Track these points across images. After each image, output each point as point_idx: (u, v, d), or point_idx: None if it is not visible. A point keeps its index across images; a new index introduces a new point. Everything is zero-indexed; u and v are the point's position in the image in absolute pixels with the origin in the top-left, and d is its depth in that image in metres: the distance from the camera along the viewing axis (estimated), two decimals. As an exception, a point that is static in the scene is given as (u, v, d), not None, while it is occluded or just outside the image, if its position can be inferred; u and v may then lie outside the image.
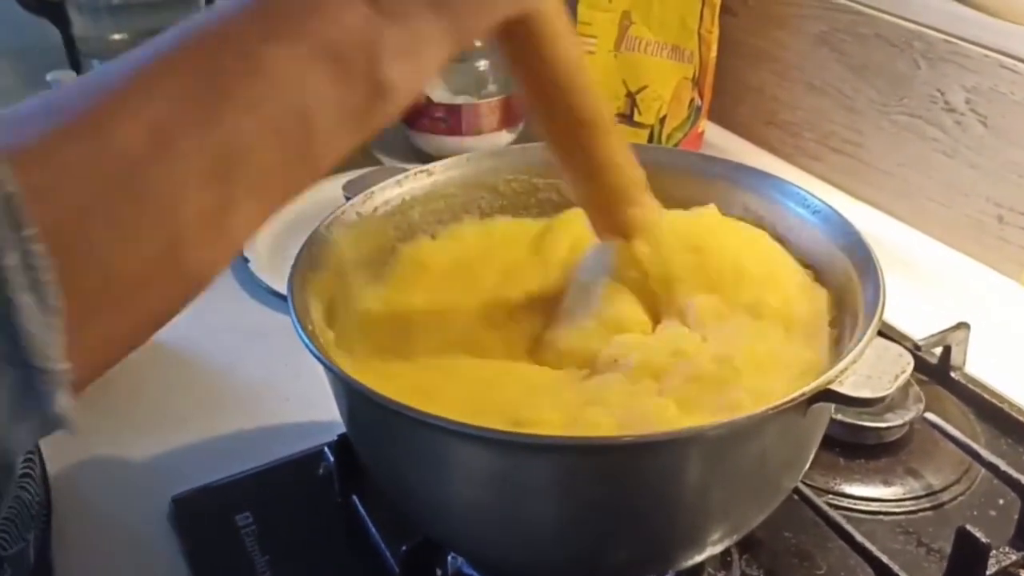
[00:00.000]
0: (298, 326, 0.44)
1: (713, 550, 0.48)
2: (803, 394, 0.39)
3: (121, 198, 0.29)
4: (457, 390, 0.46)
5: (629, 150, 0.51)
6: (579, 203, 0.53)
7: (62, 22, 1.11)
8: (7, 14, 1.06)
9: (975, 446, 0.60)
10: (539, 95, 0.48)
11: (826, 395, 0.39)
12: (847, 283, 0.49)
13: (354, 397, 0.44)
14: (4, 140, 0.28)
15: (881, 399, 0.39)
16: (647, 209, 0.52)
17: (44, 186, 0.28)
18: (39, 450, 0.56)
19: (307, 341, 0.43)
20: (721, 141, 1.02)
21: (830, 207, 0.53)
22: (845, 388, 0.39)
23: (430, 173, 0.57)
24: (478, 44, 1.00)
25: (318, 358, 0.42)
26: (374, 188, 0.55)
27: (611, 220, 0.52)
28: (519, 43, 0.46)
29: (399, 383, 0.43)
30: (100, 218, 0.29)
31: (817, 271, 0.53)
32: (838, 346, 0.46)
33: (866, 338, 0.41)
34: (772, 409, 0.38)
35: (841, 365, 0.39)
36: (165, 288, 0.32)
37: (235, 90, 0.31)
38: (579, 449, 0.38)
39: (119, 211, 0.29)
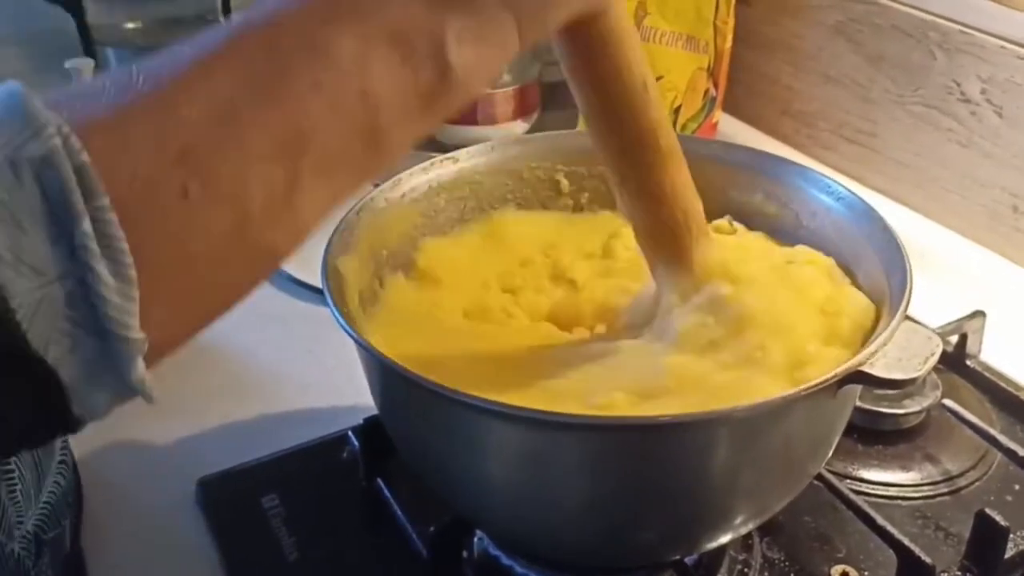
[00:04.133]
0: (334, 309, 0.44)
1: (737, 532, 0.48)
2: (835, 375, 0.39)
3: (188, 173, 0.29)
4: (501, 384, 0.45)
5: (690, 180, 0.49)
6: (632, 228, 0.50)
7: (77, 10, 1.11)
8: (22, 1, 1.06)
9: (993, 431, 0.60)
10: (600, 106, 0.46)
11: (858, 376, 0.40)
12: (873, 269, 0.50)
13: (389, 377, 0.44)
14: (74, 114, 0.28)
15: (912, 380, 0.40)
16: (708, 246, 0.49)
17: (114, 159, 0.28)
18: (68, 439, 0.56)
19: (344, 324, 0.43)
20: (735, 131, 1.03)
21: (853, 193, 0.53)
22: (876, 370, 0.40)
23: (456, 160, 0.58)
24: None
25: (356, 340, 0.43)
26: (401, 175, 0.56)
27: (666, 252, 0.49)
28: (584, 48, 0.44)
29: (432, 364, 0.44)
30: (169, 192, 0.29)
31: (842, 258, 0.53)
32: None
33: (895, 320, 0.41)
34: (804, 390, 0.39)
35: (872, 347, 0.40)
36: (235, 266, 0.32)
37: (298, 71, 0.32)
38: (610, 428, 0.39)
39: (187, 186, 0.29)
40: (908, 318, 0.43)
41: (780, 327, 0.45)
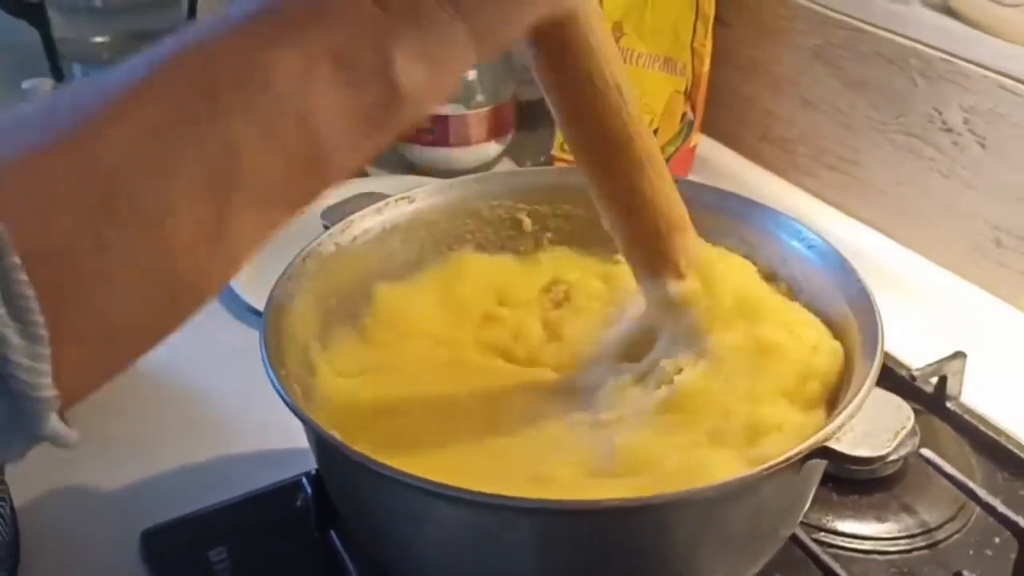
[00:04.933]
0: (270, 371, 0.42)
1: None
2: (799, 452, 0.37)
3: (107, 219, 0.28)
4: (451, 441, 0.44)
5: (673, 187, 0.47)
6: (613, 235, 0.49)
7: (42, 24, 1.08)
8: (-15, 15, 1.03)
9: (971, 484, 0.58)
10: (572, 113, 0.44)
11: (822, 453, 0.38)
12: (844, 322, 0.48)
13: (326, 450, 0.42)
14: None
15: (881, 458, 0.38)
16: (691, 248, 0.48)
17: (27, 210, 0.27)
18: (8, 491, 0.54)
19: (280, 389, 0.41)
20: (714, 155, 1.01)
21: (825, 242, 0.51)
22: (842, 445, 0.38)
23: (411, 200, 0.55)
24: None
25: (291, 407, 0.40)
26: (353, 217, 0.53)
27: (650, 263, 0.48)
28: (552, 53, 0.42)
29: (376, 431, 0.41)
30: (86, 241, 0.28)
31: (813, 308, 0.51)
32: (837, 396, 0.45)
33: (864, 391, 0.39)
34: (766, 470, 0.37)
35: (837, 422, 0.38)
36: (158, 304, 0.31)
37: (232, 98, 0.30)
38: (559, 513, 0.37)
39: (106, 232, 0.28)
40: (885, 366, 0.41)
41: (744, 393, 0.43)
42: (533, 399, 0.47)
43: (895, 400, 0.40)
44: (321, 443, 0.42)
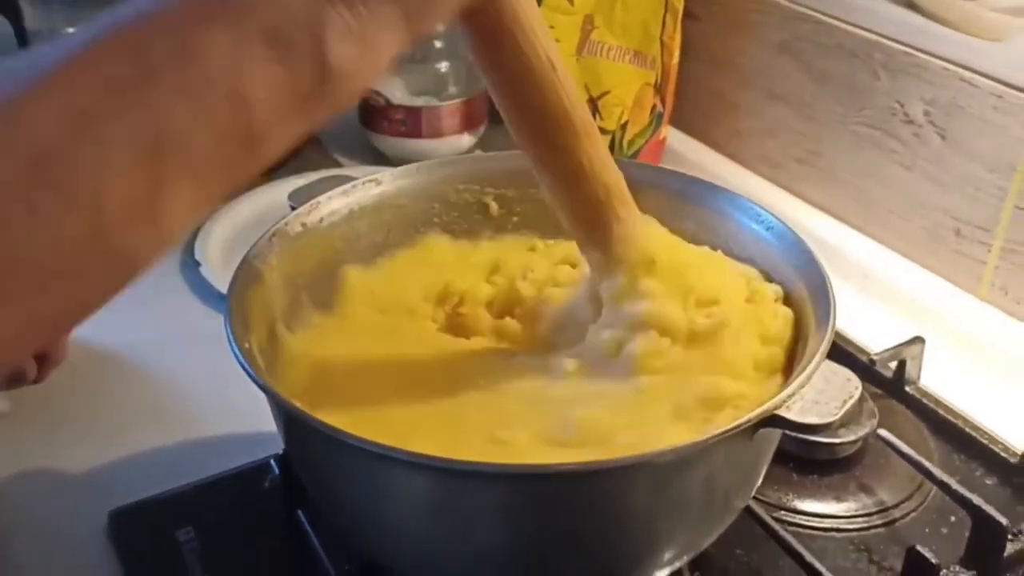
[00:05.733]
0: (233, 344, 0.43)
1: (664, 570, 0.47)
2: (748, 420, 0.38)
3: (39, 184, 0.29)
4: (424, 409, 0.45)
5: (609, 156, 0.49)
6: (557, 212, 0.50)
7: (13, 14, 1.08)
8: (-46, 5, 1.03)
9: (927, 464, 0.59)
10: (509, 92, 0.46)
11: (772, 420, 0.39)
12: (800, 301, 0.49)
13: (291, 421, 0.43)
14: None
15: (827, 425, 0.39)
16: (631, 222, 0.49)
17: None
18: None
19: (242, 360, 0.42)
20: (683, 147, 1.02)
21: (783, 223, 0.52)
22: (792, 414, 0.39)
23: (378, 183, 0.56)
24: (438, 45, 1.00)
25: (253, 379, 0.41)
26: (320, 198, 0.54)
27: (592, 232, 0.49)
28: (485, 32, 0.44)
29: (341, 403, 0.42)
30: (16, 206, 0.28)
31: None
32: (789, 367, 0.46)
33: (814, 363, 0.40)
34: (717, 436, 0.38)
35: (788, 391, 0.39)
36: (92, 274, 0.31)
37: (166, 73, 0.31)
38: (518, 477, 0.37)
39: (36, 197, 0.29)
40: (842, 345, 0.42)
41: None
42: (494, 372, 0.48)
43: (844, 372, 0.41)
44: (284, 414, 0.43)
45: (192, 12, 0.32)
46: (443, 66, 0.99)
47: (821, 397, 0.39)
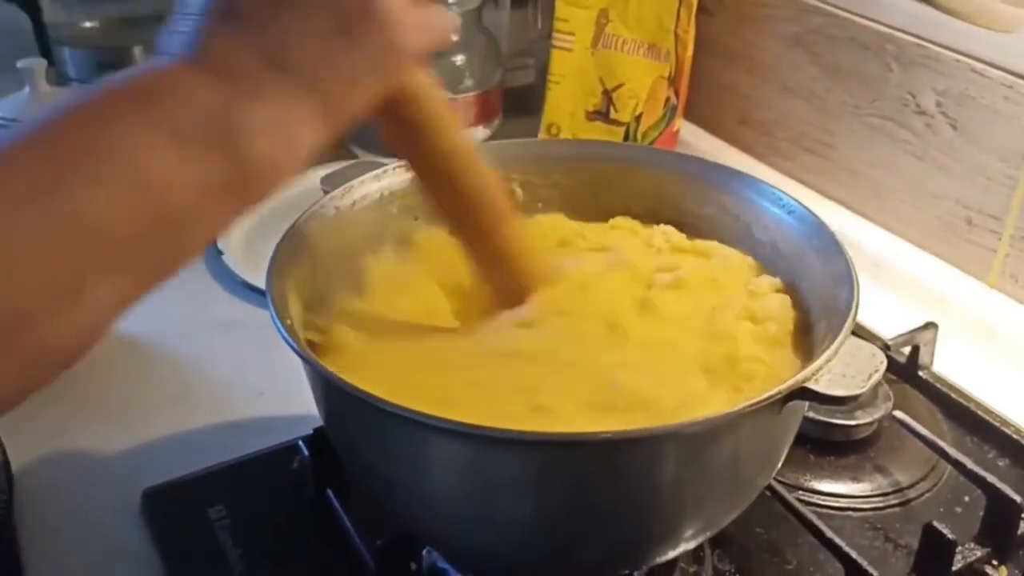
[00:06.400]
0: (277, 320, 0.44)
1: (686, 546, 0.48)
2: (779, 392, 0.39)
3: None
4: (460, 379, 0.46)
5: (525, 238, 0.52)
6: (481, 280, 0.53)
7: (33, 9, 1.09)
8: (-25, 1, 1.04)
9: (942, 444, 0.61)
10: (426, 176, 0.49)
11: (801, 393, 0.40)
12: (821, 283, 0.50)
13: (332, 392, 0.44)
14: None
15: (855, 397, 0.40)
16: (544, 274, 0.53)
17: None
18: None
19: (286, 335, 0.43)
20: (696, 140, 1.03)
21: (805, 207, 0.53)
22: (820, 386, 0.40)
23: (409, 168, 0.57)
24: (453, 38, 1.01)
25: (297, 352, 0.42)
26: (353, 182, 0.55)
27: (506, 302, 0.52)
28: (401, 124, 0.46)
29: (381, 377, 0.43)
30: None
31: (790, 270, 0.53)
32: (807, 345, 0.47)
33: (841, 337, 0.41)
34: (748, 407, 0.39)
35: (817, 364, 0.40)
36: (10, 364, 0.31)
37: (83, 164, 0.32)
38: (552, 444, 0.39)
39: None
40: (857, 332, 0.43)
41: None
42: (525, 340, 0.49)
43: (869, 347, 0.42)
44: (328, 387, 0.44)
45: (112, 108, 0.33)
46: (458, 59, 1.00)
47: (848, 371, 0.40)
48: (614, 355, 0.47)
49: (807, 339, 0.50)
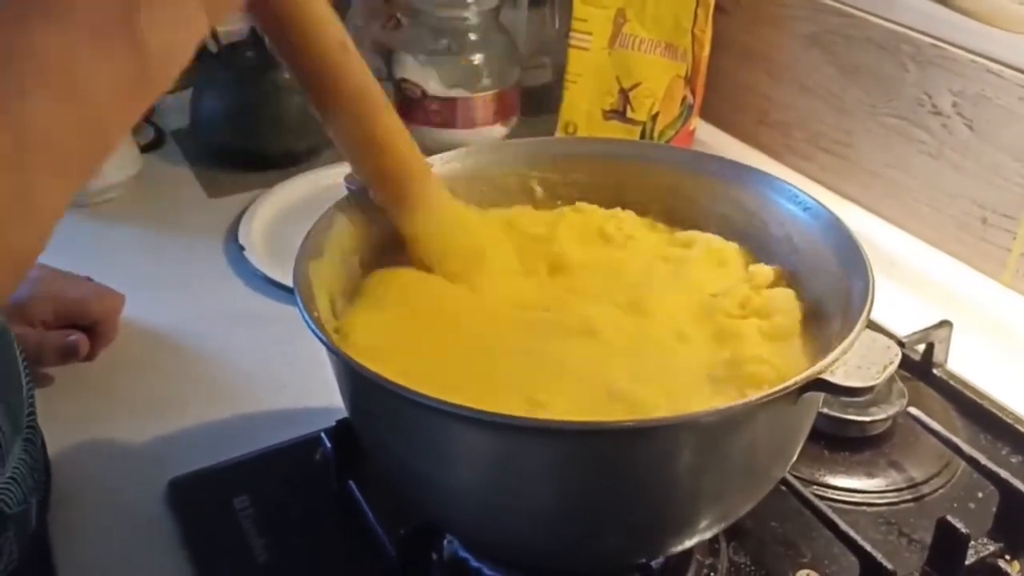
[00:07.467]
0: (304, 312, 0.45)
1: (702, 537, 0.49)
2: (796, 382, 0.40)
3: None
4: (465, 372, 0.47)
5: (402, 127, 0.53)
6: (362, 178, 0.55)
7: None
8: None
9: (956, 440, 0.61)
10: (303, 70, 0.50)
11: (817, 384, 0.41)
12: (837, 277, 0.51)
13: (357, 381, 0.45)
14: None
15: (870, 388, 0.40)
16: (433, 194, 0.55)
17: None
18: (36, 419, 0.56)
19: (313, 327, 0.44)
20: (712, 139, 1.04)
21: (820, 204, 0.54)
22: (836, 377, 0.41)
23: (431, 165, 0.58)
24: (473, 38, 1.02)
25: (324, 343, 0.43)
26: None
27: (388, 194, 0.54)
28: (275, 20, 0.48)
29: (404, 368, 0.44)
30: None
31: (806, 266, 0.54)
32: (815, 338, 0.48)
33: (857, 328, 0.42)
34: (766, 397, 0.39)
35: (834, 355, 0.41)
36: None
37: (7, 79, 0.34)
38: (575, 433, 0.39)
39: None
40: (871, 326, 0.44)
41: None
42: (540, 337, 0.50)
43: (884, 340, 0.43)
44: (354, 378, 0.45)
45: (15, 20, 0.35)
46: (476, 58, 1.01)
47: (863, 363, 0.41)
48: (614, 359, 0.48)
49: (815, 331, 0.50)
